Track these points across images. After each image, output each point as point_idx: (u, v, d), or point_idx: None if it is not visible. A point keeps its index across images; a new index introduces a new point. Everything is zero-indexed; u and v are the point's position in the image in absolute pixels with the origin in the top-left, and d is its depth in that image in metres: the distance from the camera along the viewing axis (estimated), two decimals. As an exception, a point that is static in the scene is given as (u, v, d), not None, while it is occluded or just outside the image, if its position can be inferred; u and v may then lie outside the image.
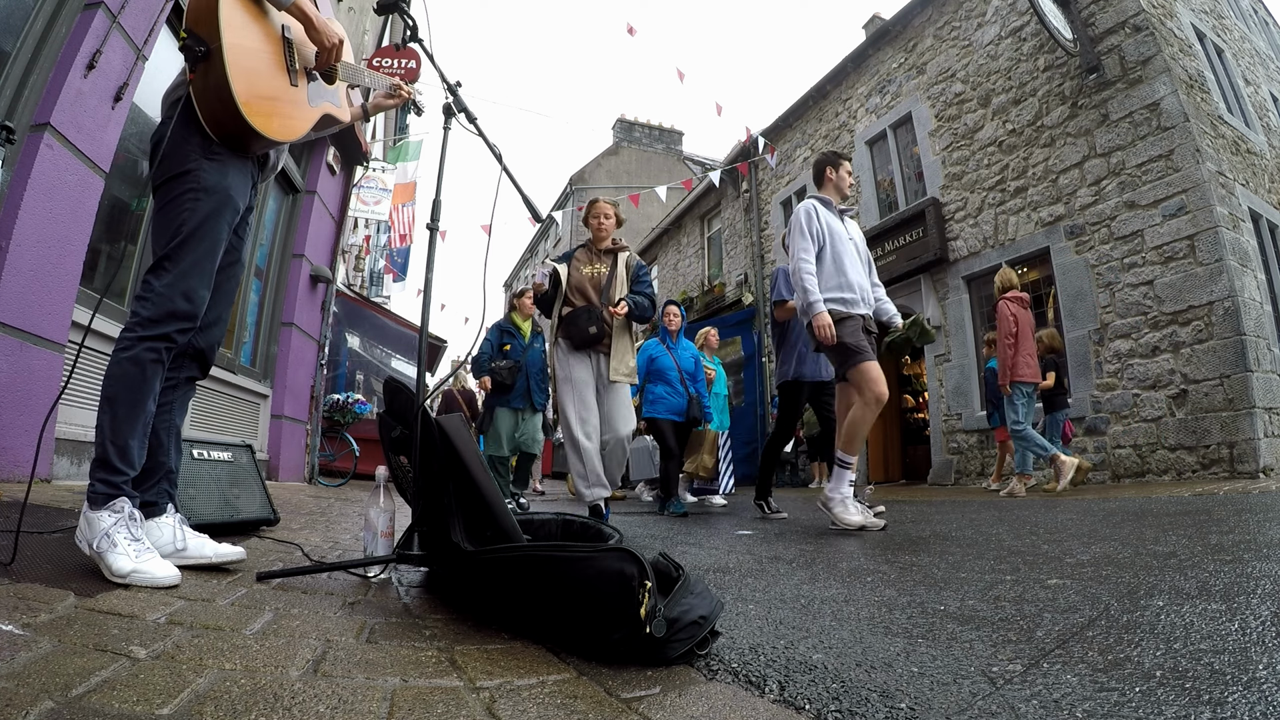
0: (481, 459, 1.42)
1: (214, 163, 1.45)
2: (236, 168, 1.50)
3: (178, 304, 1.39)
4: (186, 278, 1.40)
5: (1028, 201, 7.25)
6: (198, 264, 1.42)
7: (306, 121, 1.63)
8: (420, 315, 1.73)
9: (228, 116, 1.41)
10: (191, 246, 1.41)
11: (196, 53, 1.37)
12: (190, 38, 1.37)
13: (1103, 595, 1.40)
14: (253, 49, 1.45)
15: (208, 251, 1.44)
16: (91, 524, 1.30)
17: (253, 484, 2.43)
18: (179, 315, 1.40)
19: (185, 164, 1.42)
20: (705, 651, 1.05)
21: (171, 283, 1.39)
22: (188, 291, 1.41)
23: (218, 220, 1.45)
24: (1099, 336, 6.39)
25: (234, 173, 1.49)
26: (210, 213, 1.44)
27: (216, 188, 1.44)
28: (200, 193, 1.42)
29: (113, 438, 1.35)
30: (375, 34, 7.51)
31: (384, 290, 11.94)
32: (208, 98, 1.41)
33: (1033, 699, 0.83)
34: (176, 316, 1.40)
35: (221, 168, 1.46)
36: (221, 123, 1.43)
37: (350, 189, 6.84)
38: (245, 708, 0.73)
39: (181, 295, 1.40)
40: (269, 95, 1.49)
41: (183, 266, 1.40)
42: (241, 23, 1.43)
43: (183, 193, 1.42)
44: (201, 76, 1.40)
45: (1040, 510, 3.68)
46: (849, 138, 10.26)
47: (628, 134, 26.04)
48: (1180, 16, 6.97)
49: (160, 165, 1.44)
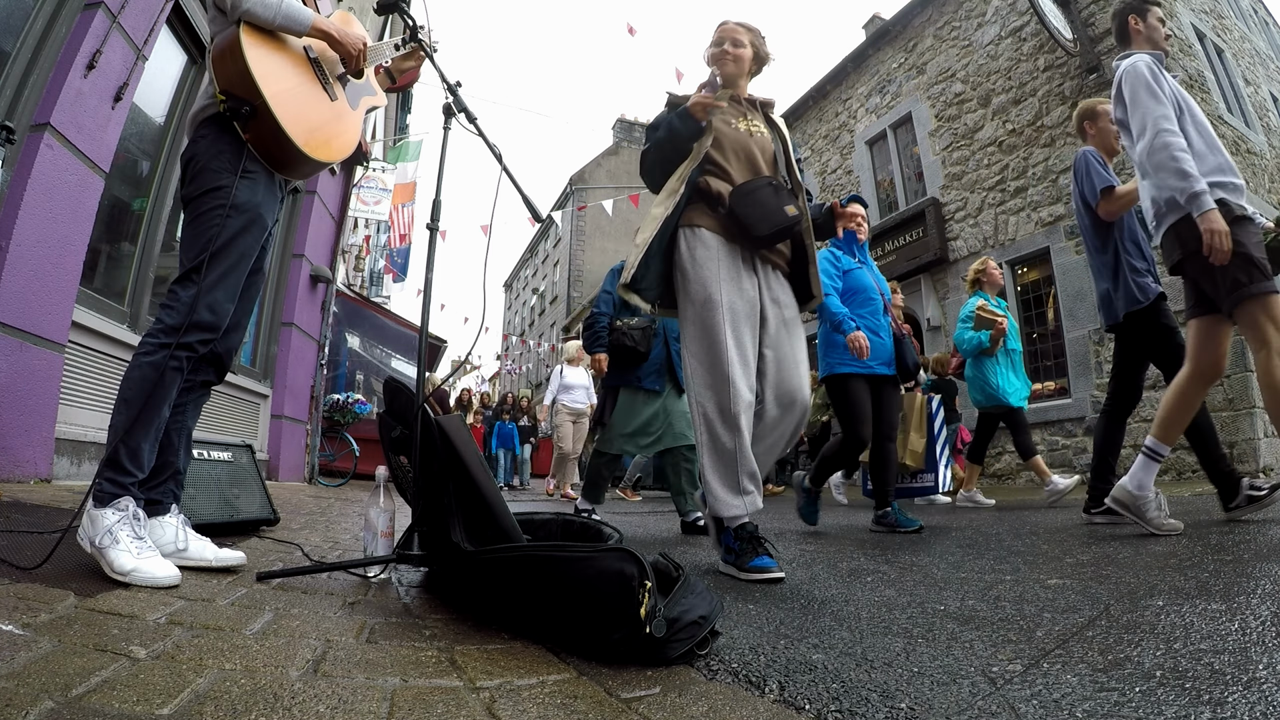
0: (481, 459, 1.42)
1: (247, 181, 1.48)
2: (267, 185, 1.54)
3: (202, 316, 1.42)
4: (212, 291, 1.44)
5: (1028, 201, 7.25)
6: (224, 278, 1.46)
7: (357, 127, 1.69)
8: (420, 315, 1.73)
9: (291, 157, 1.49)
10: (220, 261, 1.44)
11: (242, 113, 1.43)
12: (230, 99, 1.42)
13: (1103, 595, 1.40)
14: (290, 88, 1.50)
15: (234, 266, 1.47)
16: (95, 521, 1.31)
17: (253, 484, 2.43)
18: (202, 326, 1.43)
19: (218, 180, 1.45)
20: (705, 651, 1.05)
21: (198, 295, 1.42)
22: (213, 304, 1.44)
23: (246, 236, 1.49)
24: (1099, 336, 6.39)
25: (264, 190, 1.53)
26: (240, 230, 1.47)
27: (248, 205, 1.48)
28: (231, 209, 1.45)
29: (126, 439, 1.36)
30: (375, 34, 7.51)
31: (384, 290, 11.94)
32: (267, 147, 1.48)
33: (1033, 699, 0.83)
34: (200, 328, 1.43)
35: (253, 185, 1.49)
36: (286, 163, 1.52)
37: (350, 189, 6.85)
38: (245, 708, 0.73)
39: (206, 308, 1.43)
40: (320, 124, 1.55)
41: (209, 280, 1.43)
42: (274, 68, 1.48)
43: (214, 208, 1.45)
44: (255, 131, 1.46)
45: (1040, 510, 3.68)
46: (849, 138, 10.26)
47: (628, 134, 26.06)
48: (1180, 16, 6.97)
49: (192, 182, 1.47)
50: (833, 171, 10.53)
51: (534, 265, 31.50)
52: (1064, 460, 6.56)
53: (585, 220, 24.13)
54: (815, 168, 10.94)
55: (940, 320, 8.20)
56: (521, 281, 34.13)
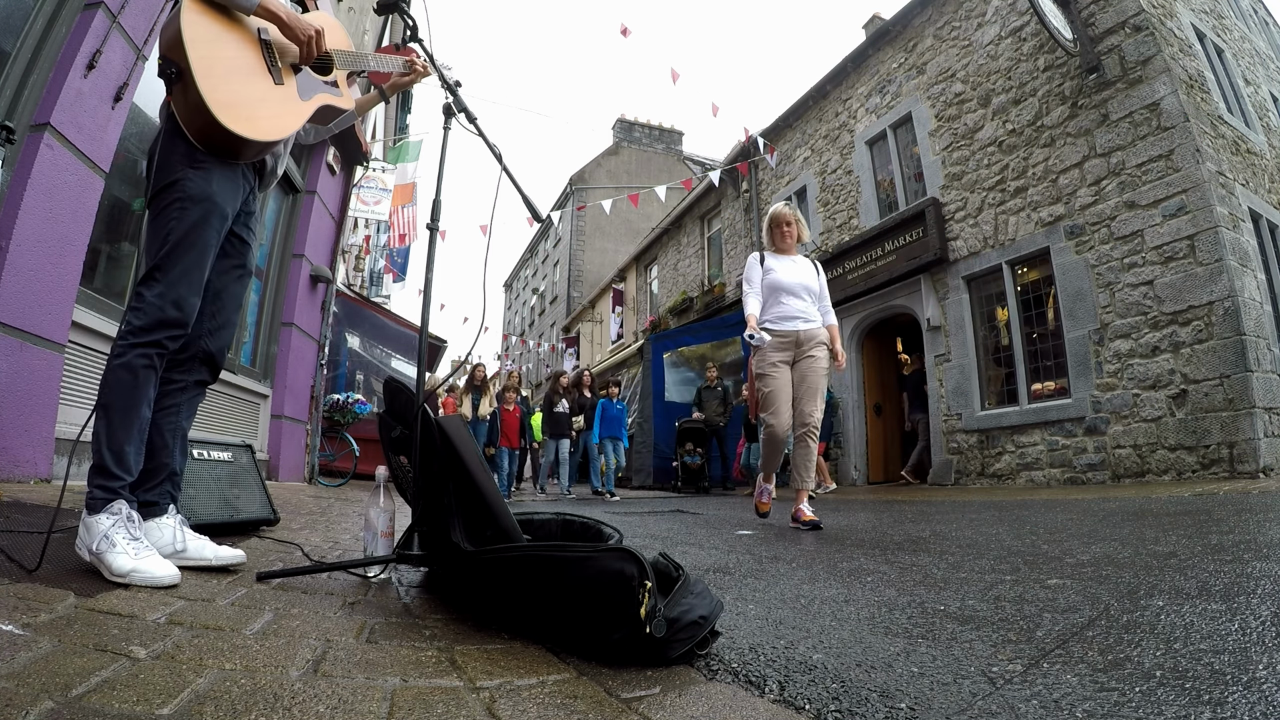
0: (482, 459, 1.42)
1: (199, 171, 1.47)
2: (222, 175, 1.52)
3: (168, 312, 1.41)
4: (175, 286, 1.43)
5: (1028, 201, 7.25)
6: (186, 273, 1.44)
7: (299, 116, 1.63)
8: (420, 315, 1.73)
9: (210, 127, 1.44)
10: (179, 255, 1.43)
11: (170, 75, 1.42)
12: (164, 62, 1.42)
13: (1103, 595, 1.40)
14: (225, 58, 1.47)
15: (195, 260, 1.46)
16: (90, 528, 1.31)
17: (253, 484, 2.43)
18: (169, 323, 1.42)
19: (172, 174, 1.45)
20: (705, 651, 1.05)
21: (162, 292, 1.41)
22: (177, 300, 1.43)
23: (204, 228, 1.47)
24: (1099, 336, 6.39)
25: (219, 180, 1.51)
26: (196, 221, 1.45)
27: (202, 196, 1.46)
28: (186, 201, 1.44)
29: (109, 444, 1.36)
30: (375, 34, 7.51)
31: (384, 290, 11.95)
32: (189, 114, 1.44)
33: (1033, 699, 0.83)
34: (167, 324, 1.42)
35: (206, 176, 1.48)
36: (207, 134, 1.46)
37: (350, 189, 6.85)
38: (245, 708, 0.73)
39: (171, 304, 1.42)
40: (249, 99, 1.50)
41: (171, 276, 1.42)
42: (209, 36, 1.45)
43: (170, 203, 1.44)
44: (180, 96, 1.43)
45: (1040, 510, 3.68)
46: (849, 138, 10.25)
47: (628, 134, 26.05)
48: (1180, 16, 6.97)
49: (152, 178, 1.47)
50: (833, 172, 10.52)
51: (534, 265, 31.48)
52: (1064, 460, 6.56)
53: (585, 220, 24.12)
54: (815, 168, 10.94)
55: (940, 320, 8.20)
56: (521, 281, 34.11)
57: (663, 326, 14.70)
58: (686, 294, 14.37)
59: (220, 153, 1.49)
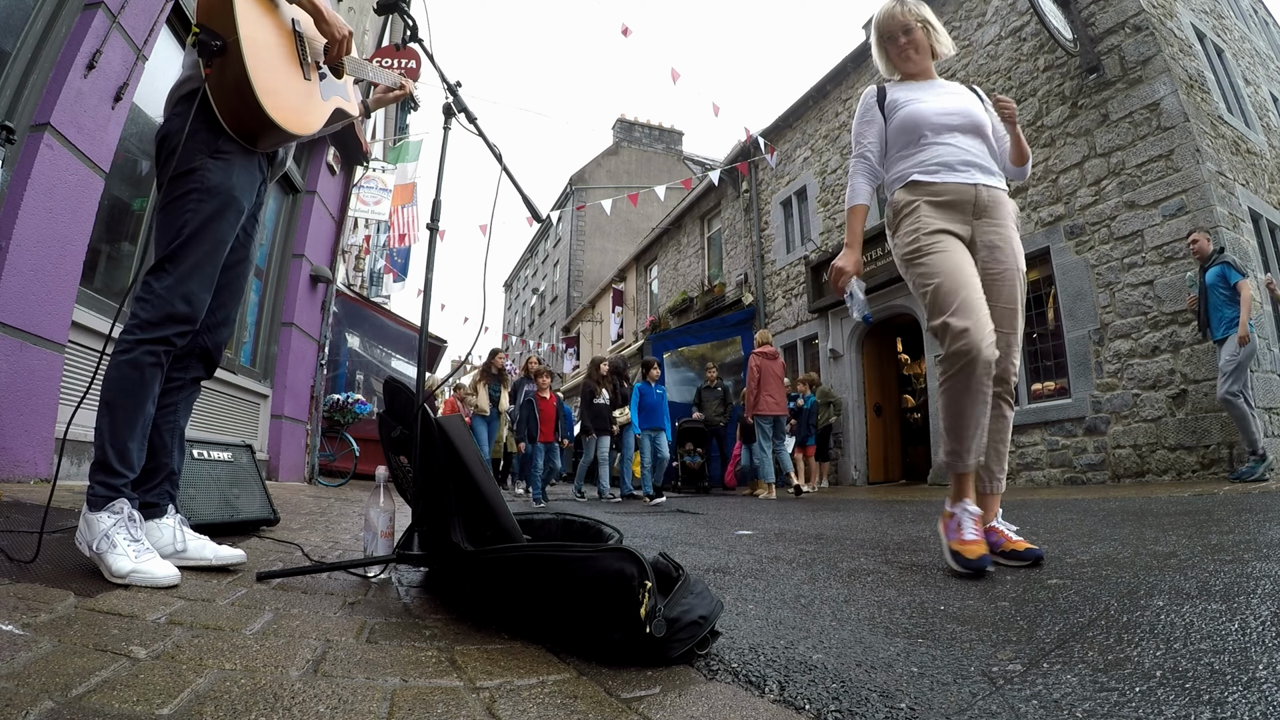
0: (482, 459, 1.42)
1: (219, 161, 1.41)
2: (242, 166, 1.47)
3: (177, 307, 1.37)
4: (187, 281, 1.38)
5: (1027, 201, 7.25)
6: (199, 267, 1.40)
7: (321, 115, 1.60)
8: (420, 315, 1.73)
9: (247, 110, 1.38)
10: (193, 249, 1.38)
11: (212, 47, 1.33)
12: (204, 32, 1.34)
13: (1103, 595, 1.40)
14: (268, 42, 1.43)
15: (209, 254, 1.41)
16: (91, 525, 1.30)
17: (253, 484, 2.43)
18: (178, 318, 1.38)
19: (190, 162, 1.39)
20: (705, 651, 1.05)
21: (172, 285, 1.37)
22: (188, 295, 1.38)
23: (221, 222, 1.42)
24: (1099, 336, 6.39)
25: (239, 172, 1.46)
26: (213, 214, 1.41)
27: (220, 188, 1.41)
28: (204, 193, 1.39)
29: (112, 441, 1.35)
30: (375, 34, 7.51)
31: (384, 290, 11.94)
32: (226, 92, 1.38)
33: (1033, 699, 0.83)
34: (176, 319, 1.38)
35: (227, 166, 1.42)
36: (240, 116, 1.40)
37: (350, 189, 6.84)
38: (245, 708, 0.73)
39: (181, 298, 1.38)
40: (287, 89, 1.47)
41: (183, 269, 1.38)
42: (255, 16, 1.41)
43: (186, 193, 1.39)
44: (218, 71, 1.36)
45: (1040, 510, 3.68)
46: (849, 137, 10.25)
47: (628, 134, 26.05)
48: (1180, 16, 6.96)
49: (165, 164, 1.41)
50: (833, 172, 10.52)
51: (534, 265, 31.48)
52: (1064, 460, 6.56)
53: (585, 220, 24.12)
54: (815, 168, 10.94)
55: (940, 320, 8.21)
56: (521, 281, 34.11)
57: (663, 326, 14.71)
58: (686, 294, 14.37)
59: (246, 137, 1.44)
